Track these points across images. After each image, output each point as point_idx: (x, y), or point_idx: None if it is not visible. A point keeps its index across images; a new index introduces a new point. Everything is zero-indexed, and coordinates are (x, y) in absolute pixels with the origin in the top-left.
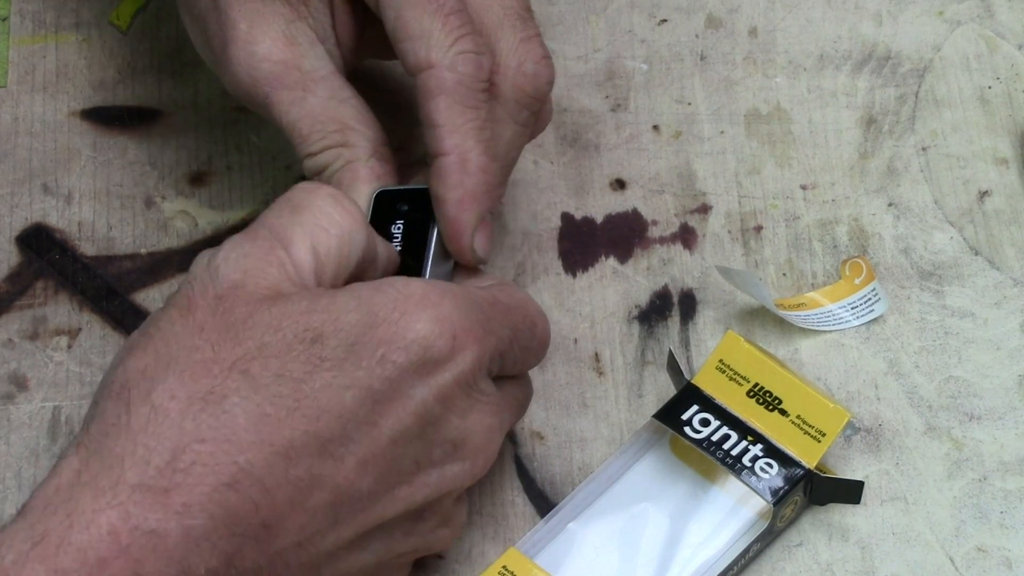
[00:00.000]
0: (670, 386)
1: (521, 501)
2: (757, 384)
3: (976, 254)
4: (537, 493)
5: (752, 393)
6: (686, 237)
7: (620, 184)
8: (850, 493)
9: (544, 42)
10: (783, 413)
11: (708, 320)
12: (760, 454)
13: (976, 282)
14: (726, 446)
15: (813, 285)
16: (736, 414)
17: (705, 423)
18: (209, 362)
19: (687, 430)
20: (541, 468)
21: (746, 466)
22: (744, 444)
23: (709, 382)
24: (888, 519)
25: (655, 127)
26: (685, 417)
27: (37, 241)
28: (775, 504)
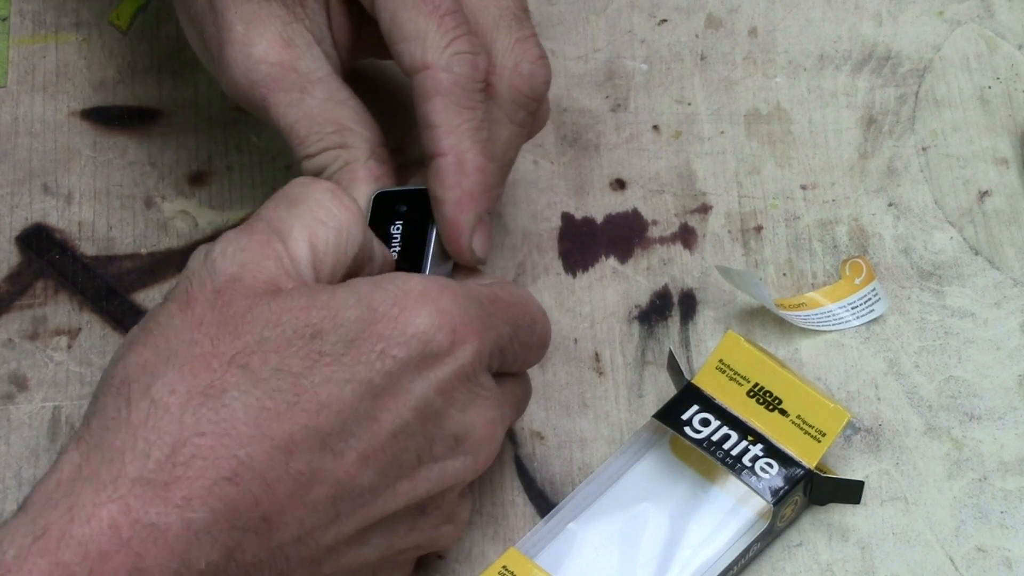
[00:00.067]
0: (670, 386)
1: (521, 501)
2: (757, 384)
3: (976, 254)
4: (537, 493)
5: (752, 393)
6: (686, 237)
7: (620, 184)
8: (850, 493)
9: (540, 42)
10: (783, 413)
11: (708, 320)
12: (760, 454)
13: (976, 282)
14: (726, 446)
15: (813, 285)
16: (736, 414)
17: (705, 423)
18: (208, 356)
19: (687, 430)
20: (541, 468)
21: (746, 466)
22: (744, 444)
23: (709, 382)
24: (888, 519)
25: (655, 127)
26: (685, 417)
27: (37, 241)
28: (775, 504)
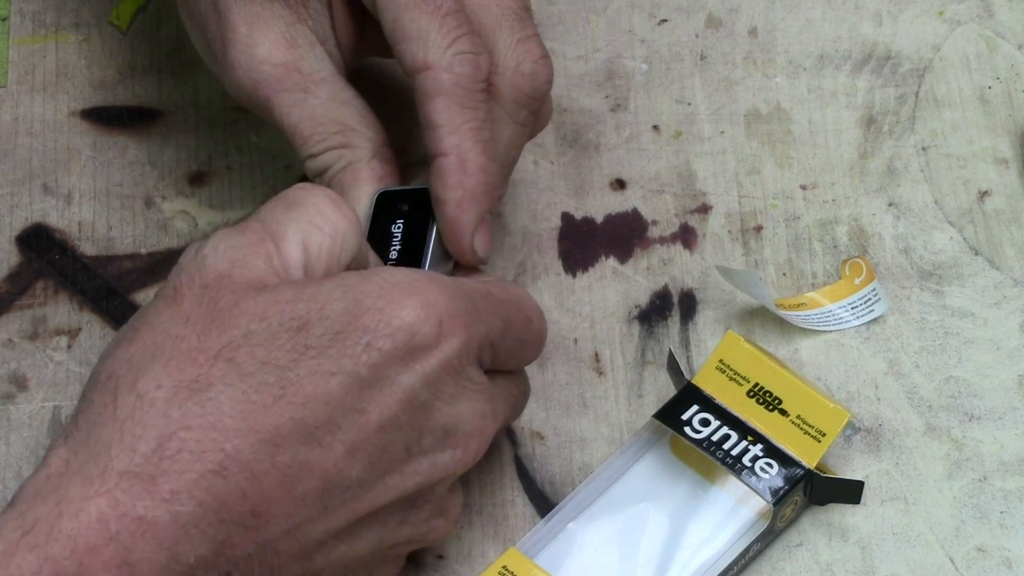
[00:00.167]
0: (670, 386)
1: (521, 501)
2: (757, 384)
3: (976, 254)
4: (537, 493)
5: (752, 393)
6: (686, 237)
7: (620, 184)
8: (850, 493)
9: (542, 41)
10: (783, 413)
11: (708, 320)
12: (760, 454)
13: (976, 282)
14: (726, 446)
15: (813, 285)
16: (736, 414)
17: (705, 423)
18: (194, 351)
19: (687, 430)
20: (541, 468)
21: (746, 466)
22: (744, 444)
23: (709, 382)
24: (888, 519)
25: (655, 127)
26: (685, 417)
27: (37, 241)
28: (775, 504)
